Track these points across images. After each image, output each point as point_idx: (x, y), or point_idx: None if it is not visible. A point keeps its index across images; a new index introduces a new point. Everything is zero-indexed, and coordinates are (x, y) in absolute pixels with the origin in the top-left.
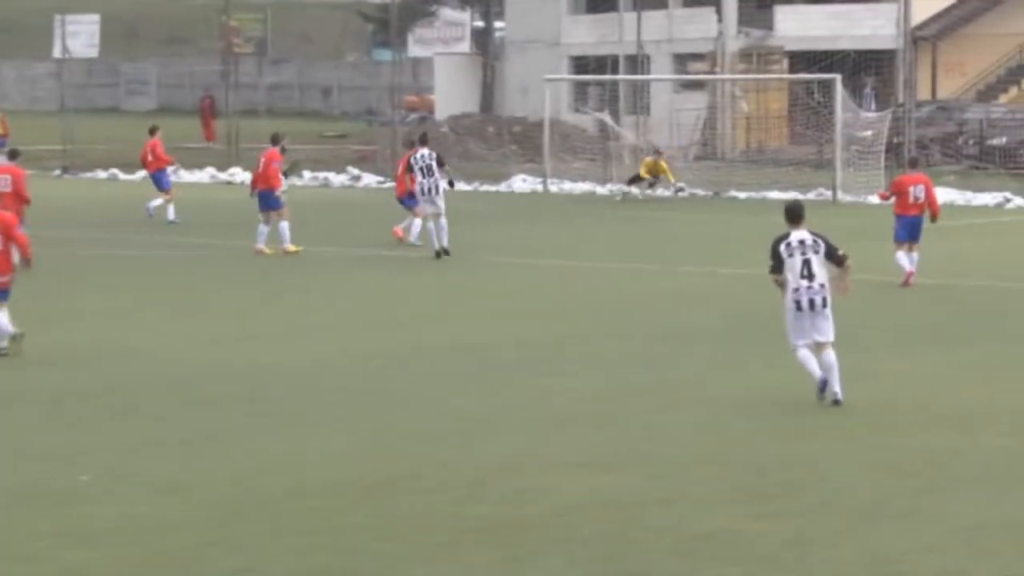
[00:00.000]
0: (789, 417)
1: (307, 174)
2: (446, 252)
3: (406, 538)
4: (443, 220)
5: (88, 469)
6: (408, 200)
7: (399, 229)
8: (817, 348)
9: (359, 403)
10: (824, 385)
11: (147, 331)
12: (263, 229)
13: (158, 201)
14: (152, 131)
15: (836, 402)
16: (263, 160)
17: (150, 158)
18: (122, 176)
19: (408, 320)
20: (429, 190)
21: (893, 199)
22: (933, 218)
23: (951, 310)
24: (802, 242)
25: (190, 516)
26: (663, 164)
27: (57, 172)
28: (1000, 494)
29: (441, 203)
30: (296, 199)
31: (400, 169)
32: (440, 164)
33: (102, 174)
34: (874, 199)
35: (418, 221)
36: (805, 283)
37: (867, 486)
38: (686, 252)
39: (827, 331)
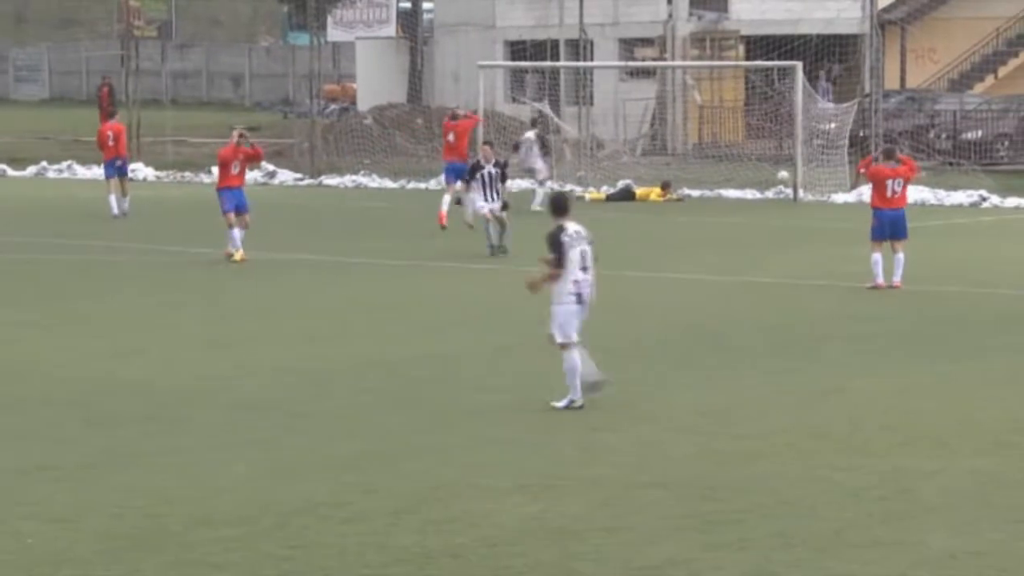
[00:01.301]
0: (742, 437)
1: (215, 170)
2: (503, 250)
3: (326, 570)
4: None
5: None
6: (452, 172)
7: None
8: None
9: (270, 423)
10: (595, 387)
11: (35, 344)
12: (234, 233)
13: (114, 198)
14: (111, 115)
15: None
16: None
17: (111, 143)
18: (11, 172)
19: (324, 333)
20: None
21: (869, 185)
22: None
23: (924, 319)
24: (578, 232)
25: (86, 548)
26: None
27: None
28: (973, 521)
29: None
30: (206, 198)
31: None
32: (502, 179)
33: None
34: (838, 198)
35: (447, 198)
36: (583, 275)
37: (829, 513)
38: (631, 255)
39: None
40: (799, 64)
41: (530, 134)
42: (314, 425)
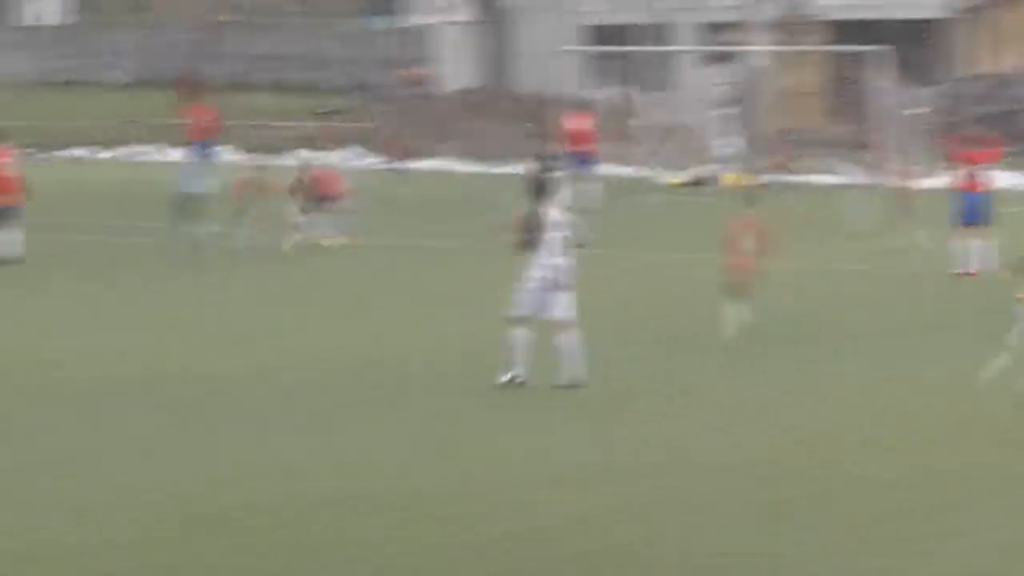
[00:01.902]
0: (797, 427)
1: (304, 153)
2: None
3: (371, 559)
4: None
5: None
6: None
7: None
8: (556, 328)
9: (299, 414)
10: (514, 379)
11: (55, 340)
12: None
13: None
14: (200, 98)
15: (576, 385)
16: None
17: (199, 125)
18: (99, 155)
19: (366, 321)
20: None
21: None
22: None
23: (994, 308)
24: (558, 219)
25: (112, 538)
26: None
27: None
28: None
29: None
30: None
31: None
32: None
33: (77, 152)
34: (923, 183)
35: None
36: (560, 260)
37: (863, 504)
38: (703, 239)
39: (567, 307)
40: (888, 49)
41: (732, 110)
42: (347, 415)
